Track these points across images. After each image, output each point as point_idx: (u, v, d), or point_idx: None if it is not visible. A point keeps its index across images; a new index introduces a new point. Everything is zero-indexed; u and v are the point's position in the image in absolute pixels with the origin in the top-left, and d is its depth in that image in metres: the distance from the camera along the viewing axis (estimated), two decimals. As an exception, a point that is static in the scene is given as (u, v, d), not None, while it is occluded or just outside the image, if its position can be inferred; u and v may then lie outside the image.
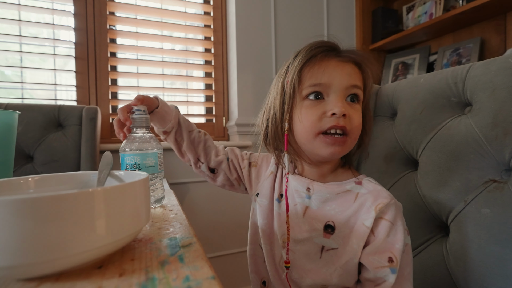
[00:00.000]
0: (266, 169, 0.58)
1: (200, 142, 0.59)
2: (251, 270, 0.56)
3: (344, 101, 0.45)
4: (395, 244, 0.42)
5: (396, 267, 0.40)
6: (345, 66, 0.46)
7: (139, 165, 0.47)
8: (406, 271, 0.43)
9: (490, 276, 0.45)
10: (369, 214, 0.43)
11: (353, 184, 0.48)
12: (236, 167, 0.59)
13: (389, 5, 1.67)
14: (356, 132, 0.46)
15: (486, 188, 0.48)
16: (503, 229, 0.45)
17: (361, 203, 0.45)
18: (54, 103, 1.16)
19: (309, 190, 0.49)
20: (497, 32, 1.19)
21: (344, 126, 0.43)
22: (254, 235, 0.56)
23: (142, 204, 0.29)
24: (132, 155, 0.47)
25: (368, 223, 0.43)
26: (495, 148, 0.48)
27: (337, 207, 0.47)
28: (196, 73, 1.48)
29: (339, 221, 0.46)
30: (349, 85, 0.45)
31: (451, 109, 0.57)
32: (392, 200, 0.44)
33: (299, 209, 0.49)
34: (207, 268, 0.25)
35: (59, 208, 0.22)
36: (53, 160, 0.97)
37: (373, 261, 0.41)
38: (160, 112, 0.54)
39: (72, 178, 0.37)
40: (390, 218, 0.43)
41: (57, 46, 1.21)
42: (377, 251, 0.42)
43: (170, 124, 0.55)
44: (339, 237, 0.45)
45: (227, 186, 0.62)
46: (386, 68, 1.59)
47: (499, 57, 0.52)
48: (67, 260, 0.23)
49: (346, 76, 0.45)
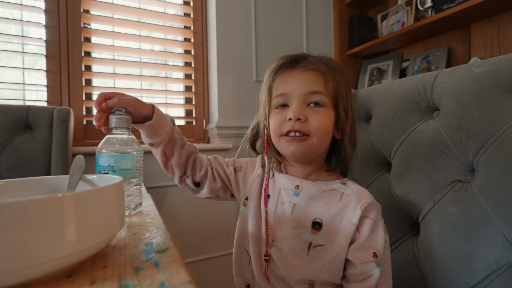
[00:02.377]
0: (252, 172, 0.59)
1: (190, 156, 0.57)
2: (236, 273, 0.56)
3: (303, 107, 0.49)
4: (378, 240, 0.45)
5: (380, 261, 0.44)
6: (305, 74, 0.50)
7: (113, 168, 0.44)
8: (387, 266, 0.47)
9: (456, 271, 0.48)
10: (355, 212, 0.47)
11: (339, 184, 0.51)
12: (221, 174, 0.59)
13: (365, 13, 1.73)
14: (319, 133, 0.48)
15: (452, 188, 0.51)
16: (467, 226, 0.48)
17: (346, 202, 0.49)
18: (22, 104, 1.10)
19: (298, 187, 0.52)
20: (462, 42, 1.28)
21: (299, 129, 0.47)
22: (240, 239, 0.57)
23: (115, 209, 0.28)
24: (107, 156, 0.44)
25: (354, 221, 0.46)
26: (460, 150, 0.51)
27: (324, 204, 0.50)
28: (176, 74, 1.46)
29: (326, 218, 0.48)
30: (307, 91, 0.49)
31: (421, 113, 0.60)
32: (374, 201, 0.49)
33: (287, 207, 0.51)
34: (183, 273, 0.24)
35: (25, 215, 0.21)
36: (20, 164, 0.91)
37: (360, 257, 0.45)
38: (153, 125, 0.50)
39: (40, 183, 0.35)
40: (373, 217, 0.47)
41: (26, 43, 1.15)
42: (363, 248, 0.45)
43: (159, 138, 0.51)
44: (326, 234, 0.48)
45: (211, 197, 0.61)
46: (363, 73, 1.65)
47: (463, 65, 0.56)
48: (33, 269, 0.22)
49: (305, 83, 0.49)
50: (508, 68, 0.48)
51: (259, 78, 1.42)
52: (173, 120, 0.55)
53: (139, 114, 0.49)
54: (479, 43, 1.22)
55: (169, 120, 0.53)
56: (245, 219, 0.56)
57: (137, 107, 0.48)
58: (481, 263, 0.45)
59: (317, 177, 0.54)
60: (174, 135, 0.53)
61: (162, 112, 0.53)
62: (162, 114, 0.52)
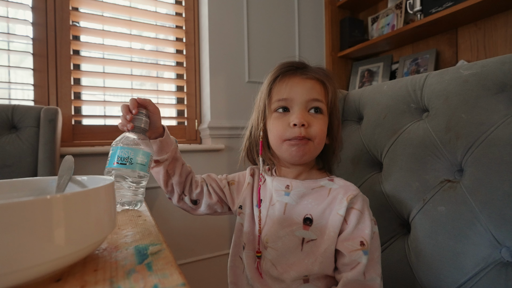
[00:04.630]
0: (244, 182, 0.62)
1: (188, 175, 0.60)
2: (230, 281, 0.57)
3: (306, 113, 0.51)
4: (365, 230, 0.48)
5: (367, 249, 0.46)
6: (307, 82, 0.52)
7: (131, 160, 0.46)
8: (376, 255, 0.49)
9: (445, 269, 0.49)
10: (342, 204, 0.49)
11: (326, 181, 0.54)
12: (216, 189, 0.61)
13: (355, 15, 1.76)
14: (319, 138, 0.52)
15: (441, 188, 0.52)
16: (456, 225, 0.49)
17: (334, 196, 0.51)
18: (7, 103, 1.07)
19: (288, 187, 0.54)
20: (450, 45, 1.31)
21: (305, 136, 0.50)
22: (235, 247, 0.58)
23: (106, 211, 0.27)
24: (127, 148, 0.47)
25: (341, 212, 0.49)
26: (449, 150, 0.52)
27: (313, 201, 0.52)
28: (167, 74, 1.44)
29: (316, 213, 0.51)
30: (309, 98, 0.51)
31: (411, 114, 0.61)
32: (360, 193, 0.51)
33: (279, 207, 0.53)
34: (176, 275, 0.24)
35: (12, 218, 0.20)
36: (5, 165, 0.88)
37: (348, 246, 0.47)
38: (163, 141, 0.55)
39: (27, 184, 0.34)
40: (359, 208, 0.49)
41: (12, 41, 1.11)
42: (350, 237, 0.48)
43: (165, 155, 0.55)
44: (317, 228, 0.50)
45: (209, 213, 0.63)
46: (353, 75, 1.67)
47: (451, 68, 0.57)
48: (21, 273, 0.21)
49: (307, 91, 0.51)
50: (495, 70, 0.49)
51: (252, 78, 1.42)
52: (176, 141, 0.59)
53: (155, 124, 0.54)
54: (466, 46, 1.25)
55: (174, 140, 0.59)
56: (240, 228, 0.58)
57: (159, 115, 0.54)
58: (469, 261, 0.46)
59: (307, 176, 0.56)
60: (177, 154, 0.58)
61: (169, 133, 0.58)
62: (169, 134, 0.57)
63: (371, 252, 0.47)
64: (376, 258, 0.49)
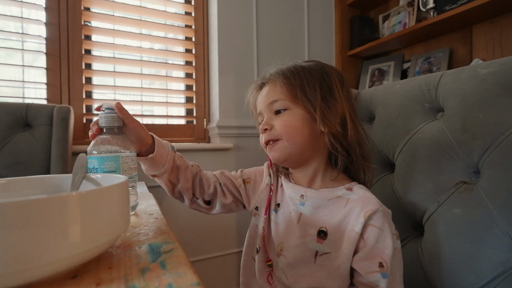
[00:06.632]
0: (261, 182, 0.59)
1: (195, 177, 0.56)
2: (242, 281, 0.57)
3: (270, 117, 0.52)
4: (385, 250, 0.43)
5: (386, 272, 0.42)
6: (264, 90, 0.54)
7: (97, 170, 0.42)
8: (397, 276, 0.45)
9: (460, 273, 0.48)
10: (358, 220, 0.45)
11: (344, 191, 0.50)
12: (231, 189, 0.58)
13: (366, 14, 1.73)
14: (285, 133, 0.50)
15: (457, 190, 0.51)
16: (472, 228, 0.47)
17: (351, 208, 0.47)
18: (21, 101, 1.09)
19: (302, 197, 0.51)
20: (464, 43, 1.28)
21: (268, 140, 0.52)
22: (248, 247, 0.57)
23: (120, 209, 0.27)
24: (90, 158, 0.42)
25: (357, 229, 0.44)
26: (465, 151, 0.51)
27: (329, 213, 0.49)
28: (176, 73, 1.45)
29: (331, 226, 0.47)
30: (267, 103, 0.52)
31: (425, 114, 0.60)
32: (381, 207, 0.46)
33: (293, 216, 0.51)
34: (191, 274, 0.24)
35: (29, 215, 0.20)
36: (19, 163, 0.90)
37: (365, 267, 0.43)
38: (155, 157, 0.50)
39: (42, 181, 0.35)
40: (378, 225, 0.44)
41: (26, 41, 1.13)
42: (368, 257, 0.43)
43: (162, 169, 0.51)
44: (331, 242, 0.47)
45: (224, 212, 0.61)
46: (363, 74, 1.65)
47: (468, 66, 0.55)
48: (37, 270, 0.21)
49: (265, 97, 0.53)
50: (514, 69, 0.48)
51: (260, 77, 1.41)
52: (173, 147, 0.54)
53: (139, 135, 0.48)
54: (481, 44, 1.22)
55: (169, 147, 0.53)
56: (255, 229, 0.57)
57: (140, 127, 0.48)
58: (486, 266, 0.45)
59: (322, 183, 0.52)
60: (176, 162, 0.53)
61: (162, 141, 0.52)
62: (162, 144, 0.51)
63: (392, 273, 0.43)
64: (398, 279, 0.45)
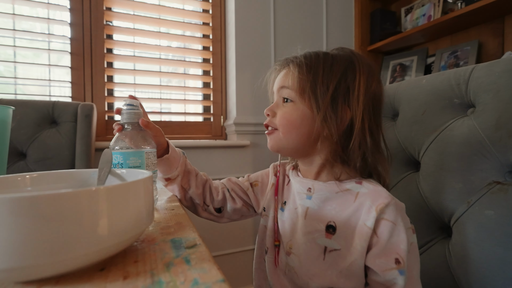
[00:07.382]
0: (267, 183, 0.60)
1: (205, 184, 0.58)
2: (255, 284, 0.57)
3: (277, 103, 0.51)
4: (400, 244, 0.41)
5: (403, 268, 0.40)
6: (281, 72, 0.51)
7: (122, 165, 0.43)
8: (415, 272, 0.42)
9: (492, 278, 0.45)
10: (370, 214, 0.42)
11: (353, 184, 0.47)
12: (239, 193, 0.59)
13: (387, 7, 1.67)
14: (281, 126, 0.49)
15: (489, 190, 0.48)
16: (506, 231, 0.44)
17: (361, 202, 0.45)
18: (48, 99, 1.14)
19: (310, 190, 0.49)
20: (495, 35, 1.21)
21: (267, 124, 0.51)
22: (259, 250, 0.57)
23: (145, 203, 0.28)
24: (116, 153, 0.43)
25: (369, 224, 0.42)
26: (499, 149, 0.48)
27: (337, 206, 0.46)
28: (194, 71, 1.47)
29: (340, 221, 0.45)
30: (278, 87, 0.51)
31: (454, 110, 0.57)
32: (393, 200, 0.43)
33: (300, 212, 0.50)
34: (215, 271, 0.24)
35: (60, 207, 0.21)
36: (46, 158, 0.95)
37: (381, 264, 0.41)
38: (170, 158, 0.53)
39: (71, 176, 0.36)
40: (391, 218, 0.42)
41: (52, 41, 1.18)
42: (383, 254, 0.41)
43: (176, 171, 0.53)
44: (341, 238, 0.45)
45: (237, 218, 0.62)
46: (384, 70, 1.60)
47: (502, 59, 0.52)
48: (67, 262, 0.22)
49: (278, 80, 0.51)
50: (557, 61, 0.44)
51: (277, 74, 1.40)
52: (184, 153, 0.57)
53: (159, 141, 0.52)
54: (514, 36, 1.15)
55: (180, 152, 0.56)
56: (263, 230, 0.56)
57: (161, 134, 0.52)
58: (522, 271, 0.42)
59: (329, 176, 0.49)
60: (187, 167, 0.56)
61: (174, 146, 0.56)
62: (174, 148, 0.55)
63: (409, 269, 0.41)
64: (415, 275, 0.42)
